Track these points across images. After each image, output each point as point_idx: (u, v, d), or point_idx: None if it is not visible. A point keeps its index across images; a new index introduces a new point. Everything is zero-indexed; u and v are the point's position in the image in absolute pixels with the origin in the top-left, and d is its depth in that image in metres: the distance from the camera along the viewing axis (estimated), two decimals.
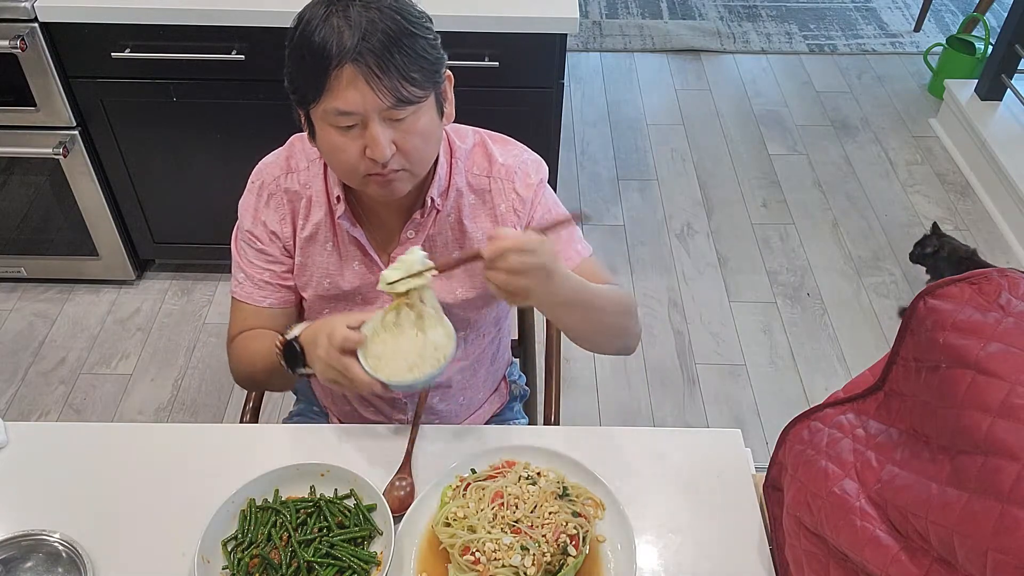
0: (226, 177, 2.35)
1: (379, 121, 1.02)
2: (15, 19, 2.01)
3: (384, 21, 0.99)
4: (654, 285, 2.71)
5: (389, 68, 0.99)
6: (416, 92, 1.02)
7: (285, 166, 1.23)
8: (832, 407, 0.96)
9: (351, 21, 0.98)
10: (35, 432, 1.23)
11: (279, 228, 1.23)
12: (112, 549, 1.06)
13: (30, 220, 2.43)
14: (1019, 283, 0.81)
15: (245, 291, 1.26)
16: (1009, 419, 0.72)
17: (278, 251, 1.24)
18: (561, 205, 1.28)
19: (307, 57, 1.00)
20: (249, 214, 1.24)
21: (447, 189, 1.21)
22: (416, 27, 1.02)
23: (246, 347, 1.26)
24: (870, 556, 0.82)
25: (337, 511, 1.07)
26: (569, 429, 1.24)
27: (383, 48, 0.98)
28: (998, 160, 2.99)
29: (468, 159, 1.23)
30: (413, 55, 1.01)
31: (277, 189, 1.22)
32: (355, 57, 0.97)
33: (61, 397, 2.32)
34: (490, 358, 1.43)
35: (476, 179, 1.22)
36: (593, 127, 3.43)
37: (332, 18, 0.98)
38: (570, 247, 1.26)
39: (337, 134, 1.04)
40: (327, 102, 1.01)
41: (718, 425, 2.27)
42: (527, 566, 0.99)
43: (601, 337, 1.26)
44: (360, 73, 0.98)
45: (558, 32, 2.05)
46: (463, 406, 1.44)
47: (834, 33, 4.02)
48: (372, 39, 0.98)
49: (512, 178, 1.22)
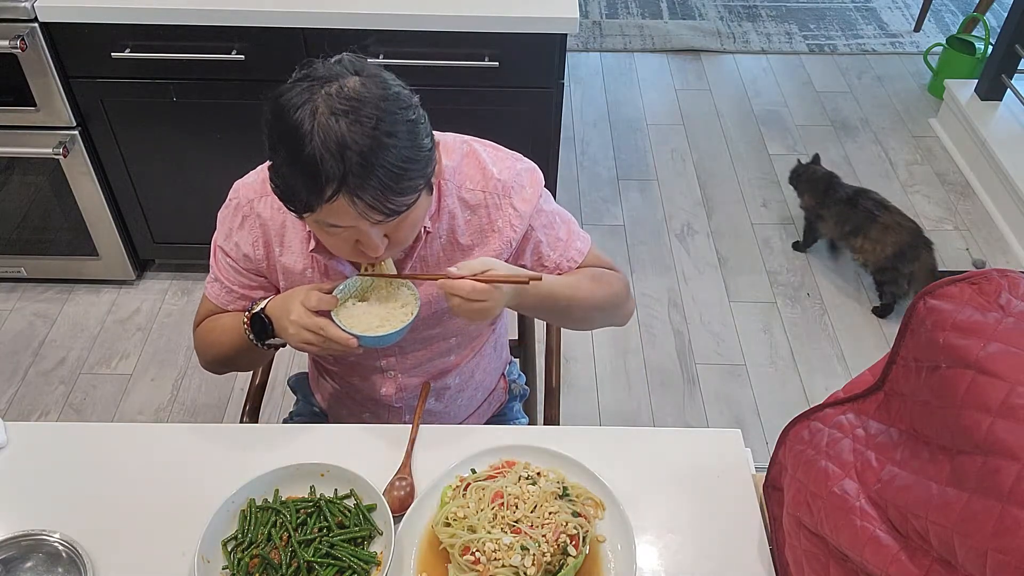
0: (226, 177, 2.34)
1: (371, 226, 1.01)
2: (15, 19, 2.01)
3: (373, 146, 0.94)
4: (654, 285, 2.71)
5: (379, 195, 0.96)
6: (407, 203, 1.00)
7: (260, 189, 1.19)
8: (832, 407, 0.96)
9: (341, 145, 0.93)
10: (35, 432, 1.23)
11: (251, 251, 1.21)
12: (112, 549, 1.06)
13: (30, 220, 2.43)
14: (1019, 283, 0.80)
15: (214, 291, 1.27)
16: (1009, 419, 0.72)
17: (249, 270, 1.24)
18: (562, 211, 1.28)
19: (295, 185, 0.96)
20: (223, 230, 1.23)
21: (437, 212, 1.18)
22: (411, 146, 0.98)
23: (211, 329, 1.28)
24: (870, 556, 0.82)
25: (337, 511, 1.07)
26: (569, 429, 1.24)
27: (377, 180, 0.95)
28: (998, 160, 2.99)
29: (458, 175, 1.19)
30: (406, 179, 0.98)
31: (251, 212, 1.20)
32: (346, 190, 0.95)
33: (61, 397, 2.32)
34: (487, 358, 1.43)
35: (470, 194, 1.19)
36: (593, 127, 3.43)
37: (316, 135, 0.93)
38: (571, 247, 1.26)
39: (329, 234, 1.04)
40: (320, 216, 0.99)
41: (718, 425, 2.27)
42: (527, 566, 0.99)
43: (583, 324, 1.33)
44: (351, 203, 0.96)
45: (558, 32, 2.05)
46: (462, 407, 1.44)
47: (834, 33, 4.02)
48: (363, 171, 0.94)
49: (509, 194, 1.20)
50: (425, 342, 1.32)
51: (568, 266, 1.26)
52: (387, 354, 1.32)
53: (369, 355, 1.32)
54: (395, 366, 1.34)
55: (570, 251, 1.26)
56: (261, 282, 1.25)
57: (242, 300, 1.26)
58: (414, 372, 1.35)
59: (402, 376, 1.36)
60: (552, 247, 1.25)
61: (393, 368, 1.35)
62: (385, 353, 1.32)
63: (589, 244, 1.29)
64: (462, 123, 1.41)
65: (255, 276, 1.25)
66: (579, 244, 1.27)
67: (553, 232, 1.25)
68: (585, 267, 1.27)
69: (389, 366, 1.34)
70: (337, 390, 1.45)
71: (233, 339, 1.22)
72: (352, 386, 1.40)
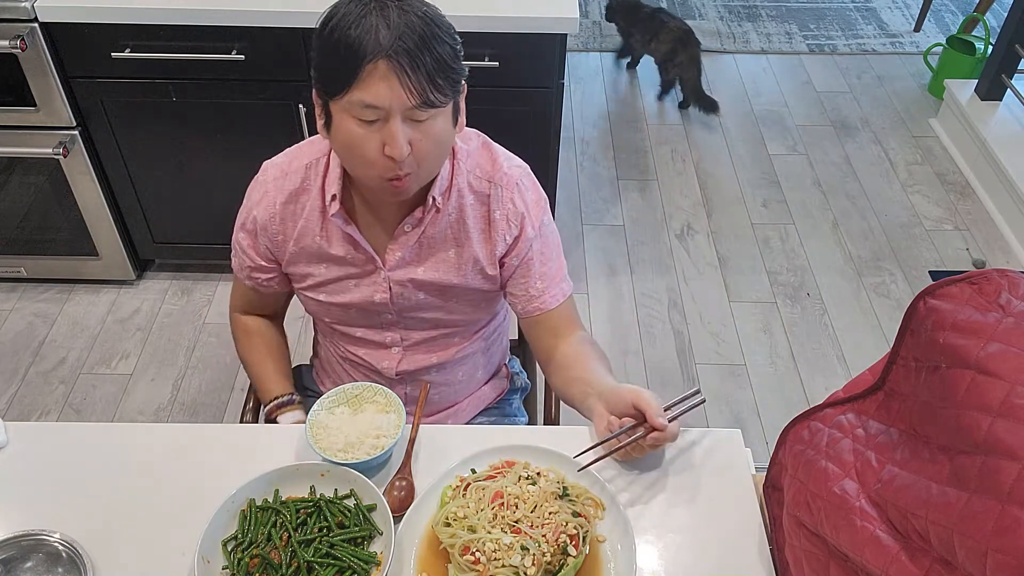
0: (226, 177, 2.36)
1: (401, 119, 1.04)
2: (15, 19, 2.01)
3: (420, 26, 1.02)
4: (654, 285, 2.71)
5: (419, 69, 1.01)
6: (440, 96, 1.05)
7: (286, 167, 1.26)
8: (832, 407, 0.96)
9: (389, 21, 1.01)
10: (35, 432, 1.23)
11: (268, 222, 1.27)
12: (112, 549, 1.06)
13: (30, 220, 2.43)
14: (1019, 283, 0.80)
15: (235, 264, 1.37)
16: (1009, 419, 0.72)
17: (265, 246, 1.30)
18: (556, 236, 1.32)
19: (342, 49, 1.01)
20: (247, 204, 1.30)
21: (449, 188, 1.23)
22: (447, 36, 1.05)
23: (246, 350, 1.44)
24: (870, 556, 0.82)
25: (337, 511, 1.07)
26: (569, 429, 1.24)
27: (416, 49, 1.01)
28: (998, 160, 2.99)
29: (471, 159, 1.24)
30: (442, 61, 1.04)
31: (273, 186, 1.25)
32: (390, 54, 1.00)
33: (61, 397, 2.32)
34: (486, 339, 1.45)
35: (477, 181, 1.24)
36: (593, 127, 3.43)
37: (370, 16, 1.01)
38: (557, 285, 1.30)
39: (357, 125, 1.05)
40: (355, 94, 1.02)
41: (718, 425, 2.27)
42: (527, 566, 0.99)
43: None
44: (392, 69, 1.01)
45: (558, 32, 2.05)
46: (462, 382, 1.45)
47: (834, 33, 4.02)
48: (408, 40, 1.01)
49: (512, 188, 1.24)
50: (431, 323, 1.36)
51: (547, 304, 1.29)
52: (391, 330, 1.37)
53: (375, 331, 1.37)
54: (399, 342, 1.38)
55: (553, 289, 1.30)
56: (264, 265, 1.32)
57: (248, 280, 1.36)
58: (419, 348, 1.39)
59: (407, 353, 1.39)
60: (541, 276, 1.28)
61: (398, 344, 1.38)
62: (390, 328, 1.36)
63: (571, 289, 1.33)
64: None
65: (268, 260, 1.31)
66: (564, 287, 1.31)
67: (546, 264, 1.29)
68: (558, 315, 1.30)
69: (394, 342, 1.38)
70: (345, 369, 1.47)
71: (253, 379, 1.43)
72: (358, 360, 1.43)
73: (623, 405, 1.12)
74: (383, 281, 1.28)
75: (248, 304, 1.43)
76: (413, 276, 1.27)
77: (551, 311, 1.29)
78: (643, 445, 1.10)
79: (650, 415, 1.08)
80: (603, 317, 2.60)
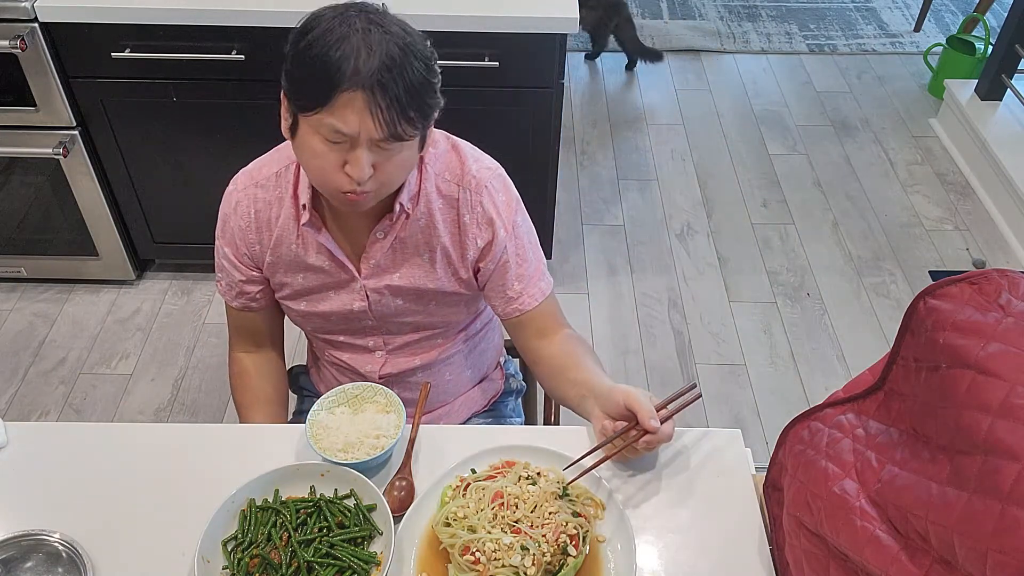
0: (226, 177, 2.35)
1: (366, 146, 1.04)
2: (15, 19, 2.01)
3: (399, 57, 1.00)
4: (654, 285, 2.71)
5: (394, 105, 1.00)
6: (409, 131, 1.04)
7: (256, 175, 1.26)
8: (832, 407, 0.96)
9: (371, 47, 0.99)
10: (35, 432, 1.23)
11: (243, 234, 1.27)
12: (112, 549, 1.06)
13: (30, 220, 2.43)
14: (1019, 283, 0.80)
15: (221, 288, 1.35)
16: (1009, 419, 0.72)
17: (245, 258, 1.30)
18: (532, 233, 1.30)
19: (319, 69, 0.99)
20: (220, 222, 1.30)
21: (417, 194, 1.22)
22: (425, 70, 1.03)
23: (234, 393, 1.42)
24: (870, 556, 0.82)
25: (337, 511, 1.07)
26: (569, 429, 1.24)
27: (393, 83, 0.99)
28: (998, 160, 2.99)
29: (439, 163, 1.23)
30: (418, 97, 1.02)
31: (244, 196, 1.25)
32: (366, 85, 0.98)
33: (61, 397, 2.32)
34: (470, 338, 1.45)
35: (446, 185, 1.23)
36: (593, 127, 3.43)
37: (352, 37, 0.99)
38: (535, 285, 1.29)
39: (322, 143, 1.05)
40: (326, 117, 1.01)
41: (718, 425, 2.27)
42: (527, 566, 0.99)
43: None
44: (366, 102, 0.99)
45: (558, 32, 2.05)
46: (450, 382, 1.44)
47: (834, 33, 4.02)
48: (385, 73, 0.99)
49: (481, 190, 1.23)
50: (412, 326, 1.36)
51: (526, 305, 1.28)
52: (373, 335, 1.37)
53: (357, 336, 1.37)
54: (382, 346, 1.38)
55: (532, 289, 1.28)
56: (253, 276, 1.31)
57: (239, 298, 1.34)
58: (402, 352, 1.39)
59: (391, 356, 1.39)
60: (518, 277, 1.27)
61: (380, 348, 1.38)
62: (371, 333, 1.36)
63: (551, 287, 1.32)
64: (462, 123, 1.41)
65: (252, 267, 1.30)
66: (543, 285, 1.30)
67: (522, 265, 1.27)
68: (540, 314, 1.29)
69: (376, 346, 1.38)
70: (332, 373, 1.47)
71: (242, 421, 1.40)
72: (343, 364, 1.42)
73: (616, 407, 1.12)
74: (360, 290, 1.28)
75: (246, 334, 1.40)
76: (389, 283, 1.27)
77: (532, 311, 1.28)
78: (636, 447, 1.10)
79: (641, 418, 1.07)
80: (603, 317, 2.60)
